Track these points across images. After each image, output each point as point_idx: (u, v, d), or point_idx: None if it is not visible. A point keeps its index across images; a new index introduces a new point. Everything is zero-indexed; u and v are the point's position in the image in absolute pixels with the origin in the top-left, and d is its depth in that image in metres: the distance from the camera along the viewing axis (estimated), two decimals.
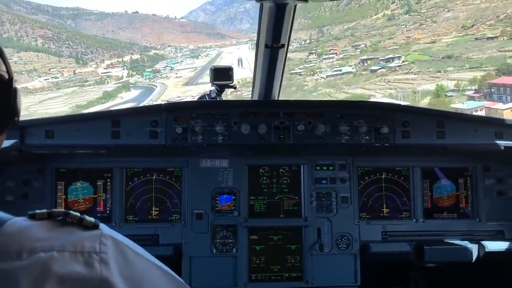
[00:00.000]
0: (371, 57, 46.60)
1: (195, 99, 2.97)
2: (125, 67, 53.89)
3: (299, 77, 43.70)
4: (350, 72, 44.90)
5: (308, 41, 49.76)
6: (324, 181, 2.55)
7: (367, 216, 2.58)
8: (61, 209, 0.76)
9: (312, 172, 2.56)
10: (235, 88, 2.69)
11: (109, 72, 54.05)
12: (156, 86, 50.69)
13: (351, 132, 2.39)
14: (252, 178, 2.55)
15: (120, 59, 54.78)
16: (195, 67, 56.00)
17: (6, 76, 0.76)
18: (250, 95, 3.09)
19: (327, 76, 44.37)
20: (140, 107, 2.53)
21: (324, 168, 2.56)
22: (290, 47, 2.30)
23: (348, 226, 2.54)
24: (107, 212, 2.47)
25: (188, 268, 2.41)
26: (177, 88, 49.72)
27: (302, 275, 2.48)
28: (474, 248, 2.44)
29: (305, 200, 2.54)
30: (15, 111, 0.81)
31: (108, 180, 2.48)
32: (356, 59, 46.83)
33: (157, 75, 52.30)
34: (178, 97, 42.95)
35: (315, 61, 47.13)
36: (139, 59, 55.28)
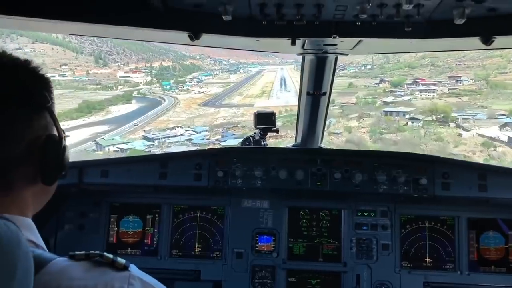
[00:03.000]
0: None
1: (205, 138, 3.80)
2: (150, 73, 56.20)
3: (411, 123, 28.66)
4: None
5: (369, 67, 48.50)
6: (365, 227, 3.01)
7: (408, 265, 2.98)
8: (96, 251, 1.02)
9: (353, 217, 3.03)
10: (277, 132, 3.29)
11: (128, 76, 56.84)
12: (165, 100, 47.54)
13: (389, 182, 2.86)
14: (292, 220, 3.07)
15: (148, 64, 55.64)
16: (228, 82, 56.02)
17: (57, 137, 1.09)
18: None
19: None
20: (187, 151, 3.20)
21: (365, 214, 3.03)
22: (346, 71, 3.01)
23: (389, 274, 2.95)
24: (154, 245, 3.11)
25: None
26: (188, 109, 45.39)
27: None
28: None
29: (344, 245, 3.00)
30: (63, 167, 1.13)
31: (157, 215, 3.14)
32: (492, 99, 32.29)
33: (179, 86, 52.94)
34: (176, 127, 35.63)
35: (401, 92, 39.53)
36: (170, 67, 55.14)
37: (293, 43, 1.95)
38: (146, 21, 1.80)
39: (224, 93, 52.85)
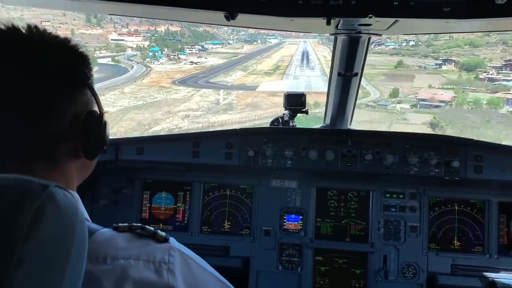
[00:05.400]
0: None
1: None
2: (151, 38, 49.85)
3: None
4: None
5: (412, 43, 46.31)
6: (393, 209, 3.34)
7: (436, 247, 3.29)
8: (139, 224, 1.18)
9: (381, 199, 3.35)
10: (307, 113, 3.60)
11: (122, 40, 56.19)
12: (132, 68, 43.43)
13: (420, 164, 3.14)
14: (320, 201, 3.41)
15: (152, 28, 50.80)
16: (237, 53, 50.67)
17: (98, 113, 1.25)
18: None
19: None
20: (218, 131, 3.53)
21: (394, 196, 3.35)
22: (383, 47, 3.35)
23: (416, 255, 3.27)
24: (185, 221, 3.52)
25: (255, 281, 3.35)
26: (151, 86, 37.82)
27: None
28: None
29: (372, 226, 3.33)
30: (104, 141, 1.28)
31: (188, 192, 3.54)
32: None
33: (171, 54, 48.06)
34: None
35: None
36: (178, 32, 52.04)
37: (328, 23, 2.14)
38: (182, 1, 2.01)
39: (221, 67, 47.64)
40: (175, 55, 50.59)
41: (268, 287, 3.39)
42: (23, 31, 1.16)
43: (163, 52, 50.57)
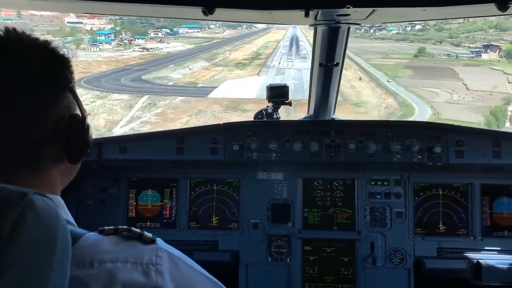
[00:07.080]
0: None
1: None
2: (116, 21, 47.71)
3: None
4: None
5: (419, 27, 43.69)
6: (378, 196, 3.64)
7: (422, 231, 3.59)
8: (125, 226, 1.25)
9: (367, 186, 3.62)
10: (290, 104, 3.82)
11: (80, 23, 54.34)
12: None
13: (403, 151, 3.40)
14: (306, 191, 3.67)
15: None
16: (213, 38, 49.54)
17: (80, 116, 1.31)
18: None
19: None
20: (202, 126, 3.77)
21: (379, 183, 3.65)
22: (385, 32, 3.63)
23: (402, 241, 3.56)
24: (172, 218, 3.75)
25: (245, 274, 3.61)
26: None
27: (355, 287, 3.55)
28: None
29: (358, 214, 3.61)
30: (88, 145, 1.36)
31: (174, 189, 3.77)
32: None
33: (126, 38, 45.63)
34: None
35: None
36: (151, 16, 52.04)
37: (307, 15, 2.34)
38: None
39: (180, 55, 45.56)
40: (131, 39, 46.95)
41: (258, 279, 3.67)
42: (1, 33, 1.21)
43: (120, 36, 46.62)
